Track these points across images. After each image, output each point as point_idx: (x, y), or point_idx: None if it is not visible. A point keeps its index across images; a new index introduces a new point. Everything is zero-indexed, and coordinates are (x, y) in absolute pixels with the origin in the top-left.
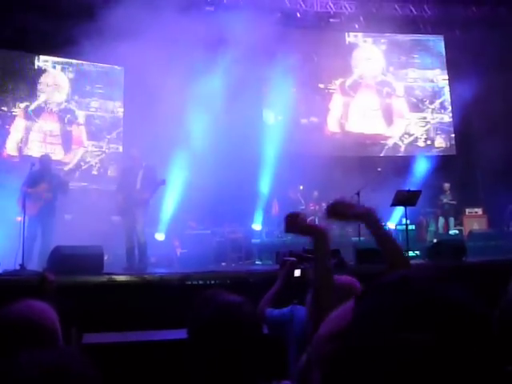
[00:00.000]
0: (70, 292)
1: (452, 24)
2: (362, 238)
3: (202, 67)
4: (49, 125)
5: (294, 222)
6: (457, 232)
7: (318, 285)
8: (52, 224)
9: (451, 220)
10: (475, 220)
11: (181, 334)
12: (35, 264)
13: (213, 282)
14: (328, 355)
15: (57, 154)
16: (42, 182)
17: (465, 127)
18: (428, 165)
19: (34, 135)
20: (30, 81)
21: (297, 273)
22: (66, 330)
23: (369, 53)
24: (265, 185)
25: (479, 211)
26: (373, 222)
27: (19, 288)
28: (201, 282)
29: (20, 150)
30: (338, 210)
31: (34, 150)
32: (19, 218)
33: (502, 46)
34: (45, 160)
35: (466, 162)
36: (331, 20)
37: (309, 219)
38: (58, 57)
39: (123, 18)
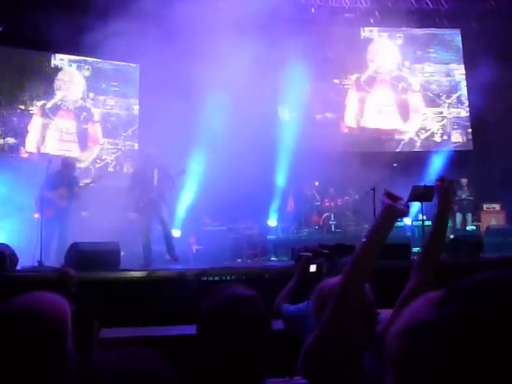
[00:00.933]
0: (87, 288)
1: (469, 17)
2: None
3: (216, 64)
4: (65, 123)
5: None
6: (474, 228)
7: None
8: (68, 224)
9: (469, 216)
10: (493, 216)
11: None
12: (53, 262)
13: (228, 277)
14: (401, 352)
15: (73, 151)
16: (61, 185)
17: (482, 122)
18: (444, 160)
19: (50, 133)
20: (46, 79)
21: (312, 268)
22: (89, 323)
23: (384, 47)
24: (280, 181)
25: (497, 207)
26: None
27: (37, 284)
28: (216, 278)
29: (38, 147)
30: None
31: (51, 148)
32: (37, 215)
33: None
34: (68, 163)
35: (483, 157)
36: (346, 15)
37: (324, 215)
38: (73, 55)
39: (137, 14)
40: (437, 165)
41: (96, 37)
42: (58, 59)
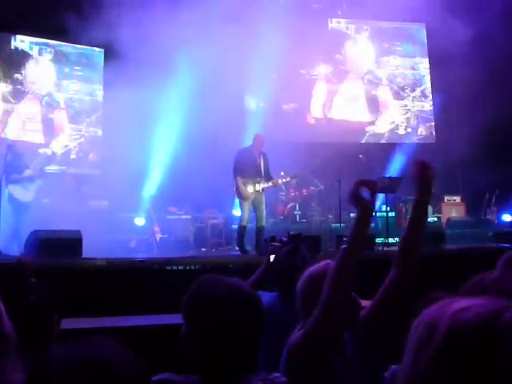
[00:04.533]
0: (48, 276)
1: (434, 11)
2: (342, 225)
3: (182, 50)
4: (28, 108)
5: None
6: (435, 219)
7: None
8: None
9: (429, 208)
10: (453, 207)
11: (160, 319)
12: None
13: (192, 267)
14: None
15: (37, 138)
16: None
17: (444, 115)
18: (408, 152)
19: (12, 118)
20: (6, 62)
21: (272, 258)
22: (48, 315)
23: (352, 39)
24: None
25: (457, 199)
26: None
27: None
28: (180, 268)
29: None
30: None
31: (13, 134)
32: None
33: (483, 34)
34: (14, 149)
35: (444, 150)
36: (314, 5)
37: (289, 205)
38: (35, 37)
39: None
40: (401, 157)
41: (59, 19)
42: (19, 41)
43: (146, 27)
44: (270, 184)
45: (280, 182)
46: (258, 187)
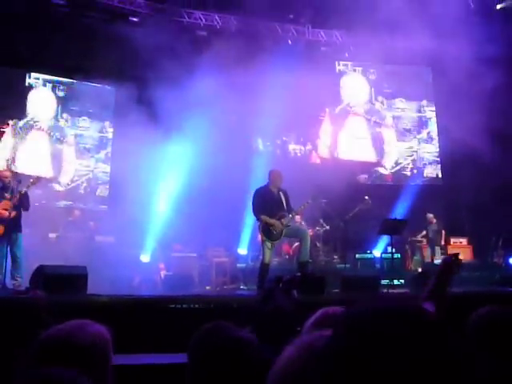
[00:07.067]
0: (53, 312)
1: (441, 56)
2: (347, 265)
3: (192, 92)
4: (37, 143)
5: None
6: (441, 261)
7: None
8: (18, 240)
9: (437, 249)
10: (460, 250)
11: (164, 358)
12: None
13: (197, 305)
14: None
15: (45, 172)
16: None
17: (451, 158)
18: (414, 194)
19: (22, 153)
20: (19, 97)
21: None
22: None
23: (358, 81)
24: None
25: (464, 241)
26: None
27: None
28: (185, 306)
29: (9, 167)
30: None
31: (23, 168)
32: None
33: (486, 79)
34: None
35: (451, 192)
36: (322, 48)
37: (294, 245)
38: (48, 74)
39: (116, 37)
40: (407, 198)
41: (73, 57)
42: (33, 78)
43: (157, 70)
44: (292, 215)
45: (301, 208)
46: (285, 221)
